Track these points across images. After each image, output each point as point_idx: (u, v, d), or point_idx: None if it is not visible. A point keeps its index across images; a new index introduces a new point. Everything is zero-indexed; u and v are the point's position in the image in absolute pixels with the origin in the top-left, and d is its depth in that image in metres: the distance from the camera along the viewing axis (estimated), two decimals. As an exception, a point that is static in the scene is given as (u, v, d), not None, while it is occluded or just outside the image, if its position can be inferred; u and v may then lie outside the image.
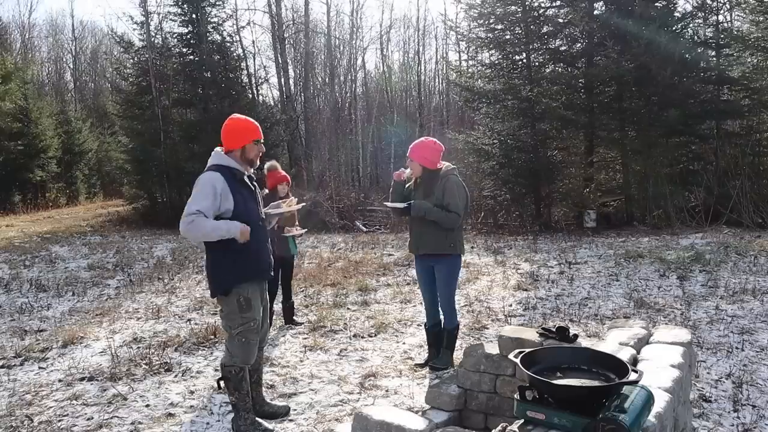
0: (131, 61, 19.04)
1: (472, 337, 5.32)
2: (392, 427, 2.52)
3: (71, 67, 39.48)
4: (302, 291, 7.32)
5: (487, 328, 5.56)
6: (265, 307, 3.62)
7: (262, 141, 3.50)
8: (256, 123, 3.51)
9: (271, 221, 3.87)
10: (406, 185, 4.52)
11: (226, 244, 3.29)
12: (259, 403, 3.68)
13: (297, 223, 5.83)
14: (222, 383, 3.47)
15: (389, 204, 4.51)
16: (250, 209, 3.42)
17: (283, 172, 5.76)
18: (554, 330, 2.96)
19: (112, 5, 47.43)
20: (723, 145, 13.42)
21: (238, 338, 3.40)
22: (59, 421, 3.78)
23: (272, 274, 3.68)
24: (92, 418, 3.80)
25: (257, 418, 3.52)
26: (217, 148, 3.45)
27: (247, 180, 3.47)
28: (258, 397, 3.69)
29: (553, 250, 9.89)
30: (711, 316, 5.61)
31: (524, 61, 14.24)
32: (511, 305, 6.37)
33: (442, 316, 4.51)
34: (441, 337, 4.50)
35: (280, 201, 4.22)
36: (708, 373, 4.22)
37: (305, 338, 5.42)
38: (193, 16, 17.66)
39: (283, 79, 24.03)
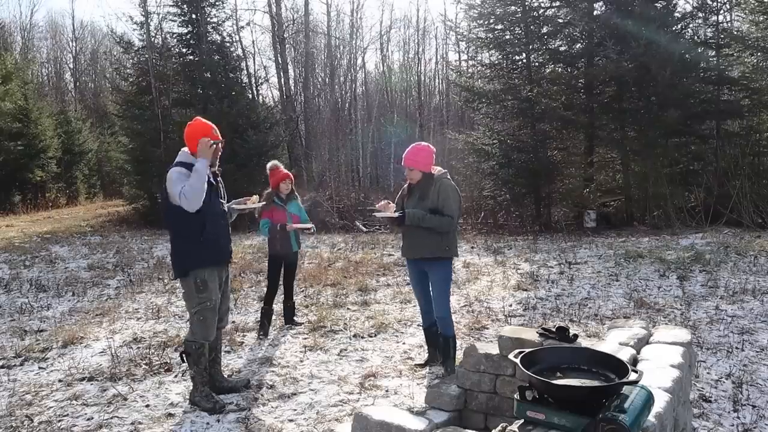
0: (131, 61, 19.01)
1: (472, 337, 5.32)
2: (392, 427, 2.52)
3: (71, 67, 39.51)
4: (302, 291, 7.32)
5: (487, 328, 5.56)
6: (225, 291, 4.03)
7: (220, 142, 3.82)
8: (210, 123, 3.85)
9: (233, 215, 4.19)
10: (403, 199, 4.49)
11: (189, 234, 3.72)
12: (218, 379, 4.08)
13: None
14: (184, 356, 3.88)
15: (381, 214, 4.35)
16: (214, 202, 3.83)
17: (285, 170, 5.76)
18: (554, 330, 2.97)
19: (112, 5, 47.29)
20: (723, 145, 13.42)
21: (197, 316, 3.82)
22: (59, 421, 3.78)
23: (231, 258, 4.07)
24: (92, 418, 3.80)
25: (212, 393, 3.89)
26: (184, 149, 3.83)
27: (209, 177, 3.77)
28: (217, 374, 4.09)
29: (553, 250, 9.89)
30: (711, 316, 5.61)
31: (524, 61, 14.25)
32: (511, 305, 6.37)
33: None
34: (438, 337, 4.48)
35: (245, 198, 4.41)
36: (708, 373, 4.22)
37: (305, 338, 5.42)
38: (193, 16, 17.64)
39: (283, 80, 24.06)
